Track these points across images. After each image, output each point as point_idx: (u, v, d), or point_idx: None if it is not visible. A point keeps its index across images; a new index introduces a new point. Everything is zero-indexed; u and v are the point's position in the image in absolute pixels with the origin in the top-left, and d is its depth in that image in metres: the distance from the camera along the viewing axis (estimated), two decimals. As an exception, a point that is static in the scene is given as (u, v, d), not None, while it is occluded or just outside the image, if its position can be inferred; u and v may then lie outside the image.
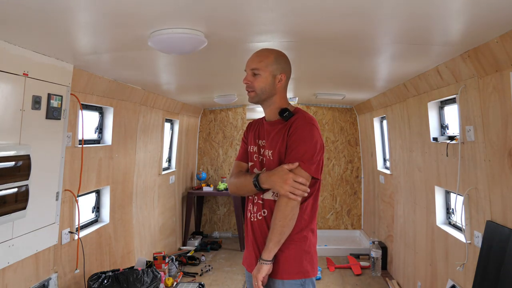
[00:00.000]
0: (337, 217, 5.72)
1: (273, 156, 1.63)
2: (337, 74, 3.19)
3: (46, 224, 2.36)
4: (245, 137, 1.83)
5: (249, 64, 1.67)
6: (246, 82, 1.67)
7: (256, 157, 1.72)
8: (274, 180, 1.56)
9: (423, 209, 3.20)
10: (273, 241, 1.56)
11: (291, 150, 1.58)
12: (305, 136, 1.58)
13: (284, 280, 1.60)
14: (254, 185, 1.61)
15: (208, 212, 5.96)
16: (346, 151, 5.69)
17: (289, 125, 1.62)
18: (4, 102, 1.93)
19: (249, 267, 1.71)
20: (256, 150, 1.73)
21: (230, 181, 1.77)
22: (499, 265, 1.95)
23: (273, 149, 1.64)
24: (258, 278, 1.56)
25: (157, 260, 3.82)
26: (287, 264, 1.60)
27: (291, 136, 1.59)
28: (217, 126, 5.88)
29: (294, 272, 1.60)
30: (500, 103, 1.99)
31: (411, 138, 3.43)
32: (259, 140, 1.73)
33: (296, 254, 1.61)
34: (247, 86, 1.68)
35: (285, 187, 1.53)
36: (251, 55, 1.69)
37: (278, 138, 1.63)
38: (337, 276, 4.21)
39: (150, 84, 3.37)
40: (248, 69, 1.67)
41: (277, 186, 1.55)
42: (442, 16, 1.60)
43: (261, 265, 1.57)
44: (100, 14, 1.56)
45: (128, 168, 3.58)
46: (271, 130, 1.69)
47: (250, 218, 1.71)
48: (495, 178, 2.09)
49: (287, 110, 1.65)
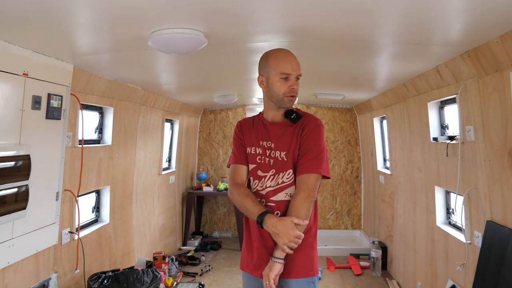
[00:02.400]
0: (337, 217, 5.72)
1: (287, 157, 1.65)
2: (337, 74, 3.20)
3: (46, 224, 2.36)
4: (240, 138, 1.78)
5: (296, 69, 1.64)
6: (294, 88, 1.65)
7: (261, 158, 1.70)
8: (280, 230, 1.54)
9: (423, 209, 3.20)
10: None
11: (305, 152, 1.62)
12: (317, 137, 1.63)
13: (298, 279, 1.62)
14: (257, 223, 1.59)
15: (208, 212, 5.96)
16: (346, 151, 5.69)
17: (300, 126, 1.65)
18: (4, 102, 1.93)
19: (254, 271, 1.69)
20: (261, 151, 1.70)
21: (233, 194, 1.71)
22: (499, 265, 1.95)
23: (286, 150, 1.65)
24: (270, 276, 1.55)
25: (157, 260, 3.82)
26: (300, 263, 1.63)
27: (306, 138, 1.63)
28: (217, 126, 5.88)
29: (308, 270, 1.64)
30: (500, 103, 1.99)
31: (411, 138, 3.43)
32: (263, 141, 1.71)
33: (308, 252, 1.66)
34: (293, 91, 1.65)
35: (285, 241, 1.54)
36: (289, 57, 1.65)
37: (291, 140, 1.65)
38: (337, 276, 4.21)
39: (150, 84, 3.37)
40: (295, 74, 1.64)
41: (277, 237, 1.55)
42: (442, 16, 1.60)
43: (273, 264, 1.57)
44: (100, 14, 1.56)
45: (128, 168, 3.58)
46: (278, 131, 1.69)
47: None
48: (495, 178, 2.09)
49: (294, 112, 1.69)
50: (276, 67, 1.64)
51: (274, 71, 1.64)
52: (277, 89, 1.65)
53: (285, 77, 1.63)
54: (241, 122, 1.82)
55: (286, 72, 1.62)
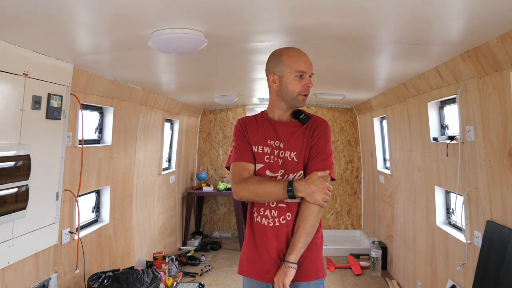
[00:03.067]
0: (337, 217, 5.72)
1: (298, 158, 1.62)
2: (337, 74, 3.19)
3: (46, 224, 2.36)
4: (245, 136, 1.68)
5: (310, 67, 1.62)
6: (309, 87, 1.63)
7: (269, 158, 1.64)
8: (312, 189, 1.53)
9: (423, 209, 3.20)
10: (302, 242, 1.55)
11: (317, 153, 1.61)
12: (327, 139, 1.64)
13: (309, 282, 1.60)
14: (289, 194, 1.54)
15: (208, 212, 5.96)
16: (346, 151, 5.69)
17: (311, 127, 1.64)
18: (4, 102, 1.93)
19: (263, 276, 1.62)
20: (269, 151, 1.64)
21: (243, 189, 1.60)
22: (499, 265, 1.95)
23: (297, 151, 1.62)
24: (286, 283, 1.52)
25: (157, 260, 3.82)
26: (311, 265, 1.61)
27: (317, 139, 1.62)
28: (217, 126, 5.88)
29: (318, 272, 1.63)
30: (500, 103, 1.99)
31: (411, 138, 3.43)
32: (271, 141, 1.65)
33: (318, 254, 1.65)
34: (308, 90, 1.63)
35: (321, 195, 1.53)
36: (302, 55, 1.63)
37: (302, 140, 1.63)
38: (337, 276, 4.21)
39: (150, 84, 3.37)
40: (309, 72, 1.62)
41: (314, 195, 1.53)
42: (442, 16, 1.60)
43: (288, 269, 1.53)
44: (100, 14, 1.56)
45: (128, 168, 3.58)
46: (287, 130, 1.66)
47: (268, 224, 1.62)
48: (495, 178, 2.09)
49: (302, 112, 1.68)
50: (291, 65, 1.60)
51: (289, 69, 1.60)
52: (292, 87, 1.61)
53: (300, 74, 1.60)
54: (244, 120, 1.74)
55: (302, 70, 1.60)
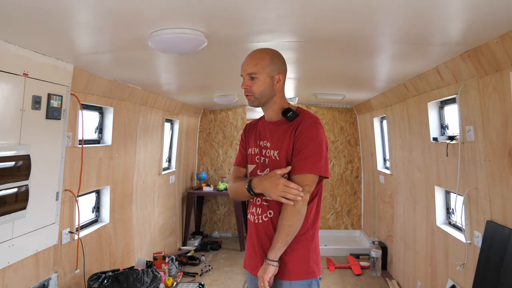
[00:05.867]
0: (337, 217, 5.72)
1: (280, 156, 1.61)
2: (337, 74, 3.19)
3: (46, 224, 2.36)
4: (244, 141, 1.81)
5: (244, 69, 1.63)
6: (245, 88, 1.63)
7: (259, 158, 1.69)
8: (265, 185, 1.57)
9: (423, 209, 3.20)
10: (281, 241, 1.55)
11: (299, 151, 1.57)
12: (313, 136, 1.58)
13: (291, 281, 1.59)
14: (247, 190, 1.63)
15: (208, 212, 5.96)
16: (346, 151, 5.69)
17: (295, 125, 1.61)
18: (4, 102, 1.93)
19: (253, 270, 1.69)
20: (258, 151, 1.70)
21: (229, 187, 1.80)
22: (499, 265, 1.95)
23: (279, 149, 1.62)
24: (264, 279, 1.55)
25: (157, 260, 3.82)
26: (295, 264, 1.59)
27: (299, 136, 1.58)
28: (217, 126, 5.88)
29: (302, 273, 1.60)
30: (500, 103, 1.99)
31: (411, 138, 3.43)
32: (260, 141, 1.71)
33: (304, 254, 1.61)
34: (246, 91, 1.64)
35: (276, 191, 1.54)
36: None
37: (284, 138, 1.61)
38: (337, 276, 4.21)
39: (150, 84, 3.37)
40: (244, 73, 1.63)
41: (268, 191, 1.57)
42: (442, 16, 1.60)
43: (267, 266, 1.56)
44: (100, 14, 1.56)
45: (128, 168, 3.58)
46: (274, 130, 1.67)
47: (254, 220, 1.67)
48: (495, 178, 2.09)
49: (291, 110, 1.65)
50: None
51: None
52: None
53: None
54: (248, 125, 1.84)
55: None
